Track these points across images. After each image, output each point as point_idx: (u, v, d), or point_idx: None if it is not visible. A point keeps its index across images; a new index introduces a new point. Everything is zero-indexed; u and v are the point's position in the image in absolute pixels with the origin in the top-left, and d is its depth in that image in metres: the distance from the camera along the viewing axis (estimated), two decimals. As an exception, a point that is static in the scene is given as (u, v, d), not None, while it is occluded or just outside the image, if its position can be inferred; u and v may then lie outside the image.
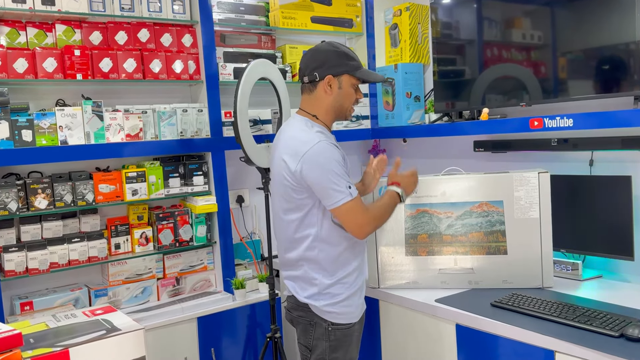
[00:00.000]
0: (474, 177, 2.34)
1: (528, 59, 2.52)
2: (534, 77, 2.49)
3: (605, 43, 2.24)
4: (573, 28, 2.34)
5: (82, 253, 2.44)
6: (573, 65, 2.38)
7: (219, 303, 2.62)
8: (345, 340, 2.03)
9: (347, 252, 2.01)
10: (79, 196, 2.41)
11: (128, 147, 2.47)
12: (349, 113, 2.08)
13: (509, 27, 2.60)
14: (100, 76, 2.44)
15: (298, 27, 3.03)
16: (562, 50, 2.40)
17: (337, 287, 2.01)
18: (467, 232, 2.33)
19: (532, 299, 2.09)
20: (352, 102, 2.06)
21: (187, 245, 2.69)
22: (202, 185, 2.70)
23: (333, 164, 1.90)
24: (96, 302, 2.50)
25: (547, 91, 2.46)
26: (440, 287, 2.36)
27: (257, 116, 2.86)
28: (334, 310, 2.00)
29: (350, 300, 2.02)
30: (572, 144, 2.46)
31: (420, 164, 3.25)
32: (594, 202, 2.34)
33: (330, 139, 1.98)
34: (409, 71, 3.11)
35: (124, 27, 2.53)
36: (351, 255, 2.03)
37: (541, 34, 2.47)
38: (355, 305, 2.04)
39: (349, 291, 2.02)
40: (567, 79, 2.40)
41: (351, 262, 2.03)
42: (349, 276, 2.02)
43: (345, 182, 1.90)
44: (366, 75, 2.06)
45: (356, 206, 1.91)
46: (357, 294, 2.05)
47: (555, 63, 2.43)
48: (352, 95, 2.05)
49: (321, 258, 1.99)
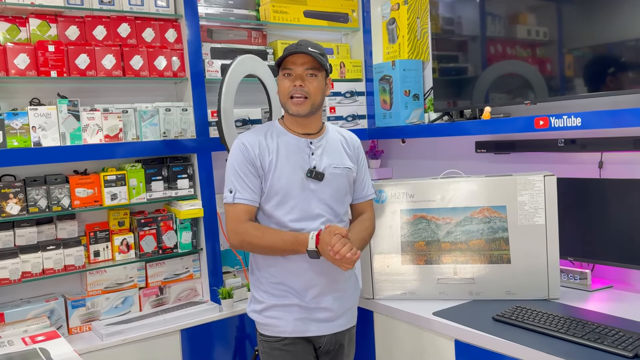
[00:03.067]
0: (475, 180, 2.18)
1: (533, 55, 2.37)
2: (539, 74, 2.34)
3: (615, 39, 2.09)
4: (581, 22, 2.18)
5: (58, 261, 2.29)
6: (581, 62, 2.23)
7: (205, 314, 2.46)
8: (273, 355, 1.92)
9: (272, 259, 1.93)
10: (53, 201, 2.27)
11: (107, 148, 2.33)
12: (288, 106, 1.91)
13: (514, 22, 2.44)
14: (76, 73, 2.30)
15: (290, 22, 2.88)
16: (569, 46, 2.25)
17: (259, 291, 1.95)
18: (467, 240, 2.18)
19: (538, 312, 1.93)
20: (284, 93, 1.90)
21: (171, 252, 2.54)
22: (187, 189, 2.55)
23: (231, 161, 1.92)
24: (73, 313, 2.35)
25: (553, 89, 2.31)
26: (438, 298, 2.21)
27: (247, 115, 2.71)
28: (258, 319, 1.96)
29: (275, 312, 1.92)
30: (580, 145, 2.31)
31: (419, 165, 3.10)
32: (603, 207, 2.19)
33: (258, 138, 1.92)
34: (408, 68, 2.96)
35: (102, 22, 2.39)
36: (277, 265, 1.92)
37: (547, 30, 2.32)
38: (286, 320, 1.91)
39: (273, 301, 1.92)
40: (574, 76, 2.25)
41: (274, 273, 1.93)
42: (272, 286, 1.93)
43: (232, 183, 1.88)
44: (281, 58, 1.89)
45: (230, 212, 1.89)
46: (290, 311, 1.92)
47: (561, 59, 2.28)
48: (281, 85, 1.92)
49: (252, 259, 2.00)
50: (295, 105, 1.88)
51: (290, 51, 1.86)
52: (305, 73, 1.88)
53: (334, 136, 2.03)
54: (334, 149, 2.00)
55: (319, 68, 1.89)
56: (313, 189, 1.91)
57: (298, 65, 1.87)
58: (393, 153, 3.29)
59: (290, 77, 1.88)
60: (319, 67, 1.89)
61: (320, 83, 1.90)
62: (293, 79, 1.88)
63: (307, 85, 1.87)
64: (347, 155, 2.02)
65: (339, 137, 2.05)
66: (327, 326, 1.94)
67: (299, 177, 1.90)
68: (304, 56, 1.87)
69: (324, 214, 1.92)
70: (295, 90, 1.87)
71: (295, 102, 1.88)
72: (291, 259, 1.89)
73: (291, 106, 1.89)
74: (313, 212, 1.90)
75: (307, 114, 1.90)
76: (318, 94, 1.90)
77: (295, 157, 1.91)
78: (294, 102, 1.88)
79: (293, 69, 1.88)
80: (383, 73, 3.01)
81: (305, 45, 1.86)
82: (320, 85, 1.90)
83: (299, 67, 1.87)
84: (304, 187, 1.90)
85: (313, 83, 1.88)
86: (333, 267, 1.88)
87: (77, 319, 2.37)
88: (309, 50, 1.85)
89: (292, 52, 1.86)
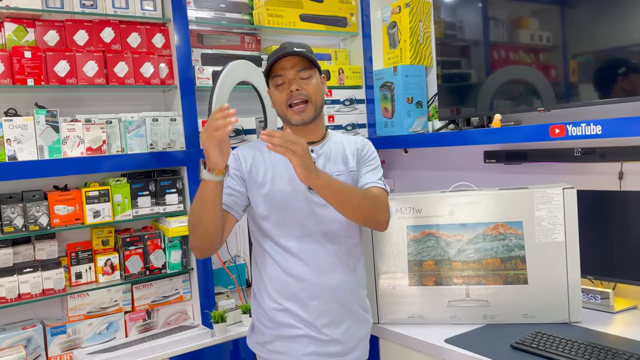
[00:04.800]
0: (488, 193, 2.02)
1: (541, 60, 2.21)
2: (550, 79, 2.18)
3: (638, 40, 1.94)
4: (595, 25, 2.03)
5: (35, 285, 2.10)
6: (596, 65, 2.07)
7: (195, 340, 2.28)
8: None
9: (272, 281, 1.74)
10: (30, 219, 2.08)
11: (89, 162, 2.15)
12: (289, 116, 1.73)
13: (519, 26, 2.29)
14: (55, 81, 2.12)
15: (285, 26, 2.71)
16: (578, 50, 2.09)
17: (261, 319, 1.76)
18: (480, 259, 2.01)
19: (560, 339, 1.76)
20: (281, 104, 1.73)
21: (160, 273, 2.35)
22: (176, 205, 2.37)
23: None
24: (53, 340, 2.17)
25: (567, 94, 2.15)
26: (450, 322, 2.03)
27: (240, 125, 2.54)
28: (261, 352, 1.77)
29: (279, 345, 1.71)
30: (599, 155, 2.15)
31: (423, 177, 2.94)
32: (624, 221, 2.04)
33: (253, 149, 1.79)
34: (410, 74, 2.80)
35: (84, 26, 2.21)
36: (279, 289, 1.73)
37: (555, 33, 2.17)
38: (294, 357, 1.70)
39: (277, 332, 1.72)
40: (590, 81, 2.10)
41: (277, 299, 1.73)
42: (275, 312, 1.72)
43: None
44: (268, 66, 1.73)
45: None
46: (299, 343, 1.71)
47: (567, 65, 2.13)
48: (276, 97, 1.75)
49: (254, 283, 1.83)
50: (297, 113, 1.71)
51: (276, 56, 1.70)
52: (297, 76, 1.71)
53: (338, 141, 1.86)
54: (337, 155, 1.82)
55: (310, 67, 1.72)
56: (316, 202, 1.72)
57: (288, 69, 1.71)
58: (395, 164, 3.13)
59: (283, 85, 1.71)
60: (310, 66, 1.72)
61: (317, 82, 1.73)
62: (287, 86, 1.71)
63: (304, 88, 1.70)
64: (350, 157, 1.83)
65: (345, 142, 1.87)
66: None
67: (300, 188, 1.72)
68: (292, 58, 1.70)
69: (327, 230, 1.74)
70: (292, 97, 1.70)
71: (296, 110, 1.71)
72: (295, 277, 1.70)
73: (293, 116, 1.71)
74: (315, 228, 1.72)
75: (311, 120, 1.73)
76: (318, 94, 1.73)
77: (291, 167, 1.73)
78: (294, 110, 1.71)
79: (284, 75, 1.71)
80: (384, 79, 2.85)
81: (289, 46, 1.71)
82: (318, 84, 1.74)
83: (289, 71, 1.71)
84: (307, 200, 1.73)
85: (310, 84, 1.71)
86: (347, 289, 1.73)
87: (57, 347, 2.18)
88: (296, 51, 1.69)
89: (279, 56, 1.69)
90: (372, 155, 1.87)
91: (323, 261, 1.71)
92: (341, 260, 1.74)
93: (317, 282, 1.70)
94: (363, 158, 1.85)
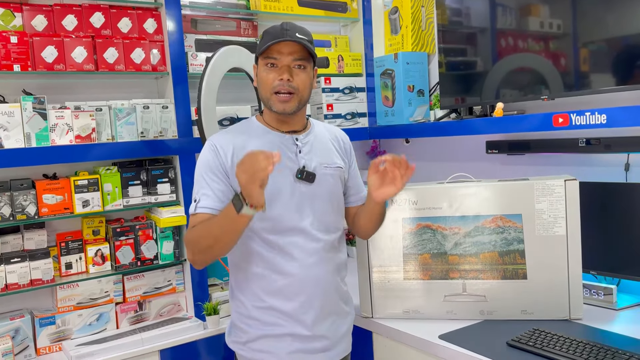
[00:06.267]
0: (487, 185, 1.94)
1: (551, 48, 2.12)
2: (555, 67, 2.10)
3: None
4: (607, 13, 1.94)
5: (23, 275, 2.07)
6: (608, 53, 1.98)
7: (187, 332, 2.23)
8: None
9: (257, 279, 1.65)
10: (17, 208, 2.04)
11: (78, 150, 2.10)
12: (272, 103, 1.63)
13: (529, 13, 2.21)
14: (42, 67, 2.07)
15: (283, 12, 2.64)
16: (590, 38, 2.00)
17: (242, 318, 1.69)
18: (478, 252, 1.94)
19: (559, 337, 1.68)
20: (266, 87, 1.63)
21: (151, 264, 2.31)
22: (169, 194, 2.32)
23: (200, 165, 1.66)
24: (41, 332, 2.14)
25: (571, 83, 2.06)
26: (445, 317, 1.97)
27: (235, 113, 2.48)
28: (242, 352, 1.70)
29: (264, 343, 1.65)
30: (605, 145, 2.07)
31: (424, 167, 2.85)
32: (630, 214, 1.96)
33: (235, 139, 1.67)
34: (412, 61, 2.72)
35: (73, 10, 2.16)
36: (264, 286, 1.64)
37: (566, 21, 2.08)
38: (278, 356, 1.65)
39: (260, 331, 1.65)
40: (595, 69, 2.01)
41: (262, 296, 1.65)
42: (259, 310, 1.65)
43: (197, 191, 1.63)
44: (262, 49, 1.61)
45: (190, 222, 1.62)
46: (283, 340, 1.65)
47: (577, 53, 2.04)
48: (263, 78, 1.63)
49: (233, 279, 1.74)
50: (280, 102, 1.63)
51: (276, 38, 1.60)
52: (293, 64, 1.62)
53: (320, 132, 1.79)
54: (322, 145, 1.75)
55: (308, 58, 1.64)
56: (304, 192, 1.66)
57: (285, 55, 1.61)
58: (396, 154, 3.05)
59: (275, 67, 1.62)
60: (308, 57, 1.64)
61: (308, 75, 1.65)
62: (279, 70, 1.61)
63: (295, 79, 1.62)
64: (336, 153, 1.78)
65: (327, 134, 1.81)
66: (323, 357, 1.69)
67: (287, 179, 1.65)
68: (291, 44, 1.61)
69: (315, 222, 1.67)
70: (281, 85, 1.61)
71: (281, 99, 1.63)
72: (281, 272, 1.63)
73: (275, 103, 1.63)
74: (302, 221, 1.66)
75: (293, 112, 1.65)
76: (306, 89, 1.65)
77: (282, 157, 1.66)
78: (279, 98, 1.63)
79: (279, 59, 1.61)
80: (385, 67, 2.77)
81: (292, 31, 1.60)
82: (309, 79, 1.65)
83: (286, 57, 1.61)
84: (293, 191, 1.66)
85: (301, 76, 1.63)
86: (332, 283, 1.68)
87: (45, 338, 2.15)
88: (298, 38, 1.60)
89: (280, 40, 1.60)
90: (354, 156, 1.88)
91: (310, 255, 1.65)
92: (327, 253, 1.68)
93: (304, 277, 1.63)
94: (352, 159, 1.86)
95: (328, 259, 1.68)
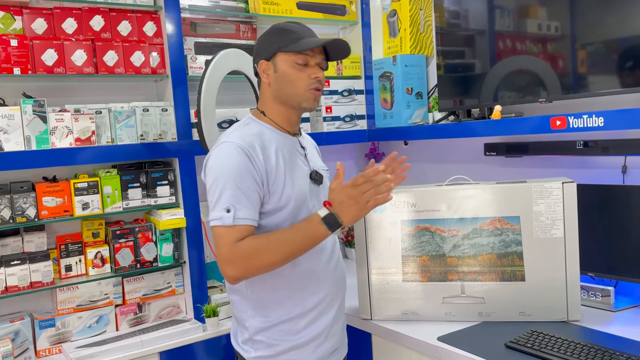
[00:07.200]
0: (485, 187, 1.95)
1: (549, 50, 2.13)
2: (557, 69, 2.10)
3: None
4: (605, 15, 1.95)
5: (23, 278, 2.07)
6: (607, 55, 1.99)
7: (187, 334, 2.24)
8: None
9: (286, 289, 1.60)
10: (17, 211, 2.05)
11: (77, 153, 2.11)
12: (305, 99, 1.61)
13: (527, 15, 2.21)
14: (42, 70, 2.08)
15: (282, 15, 2.65)
16: (588, 39, 2.01)
17: (272, 332, 1.60)
18: (476, 254, 1.95)
19: (557, 339, 1.69)
20: (300, 84, 1.60)
21: (151, 266, 2.32)
22: (168, 197, 2.32)
23: (226, 171, 1.50)
24: (41, 334, 2.14)
25: (570, 85, 2.07)
26: (444, 319, 1.98)
27: (234, 116, 2.49)
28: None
29: (293, 354, 1.61)
30: (602, 148, 2.07)
31: (422, 169, 2.88)
32: (628, 216, 1.97)
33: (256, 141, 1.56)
34: (410, 64, 2.73)
35: (73, 14, 2.17)
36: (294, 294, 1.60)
37: (564, 23, 2.09)
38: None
39: (292, 342, 1.60)
40: (593, 72, 2.02)
41: (294, 304, 1.61)
42: (291, 322, 1.60)
43: (228, 199, 1.48)
44: (298, 46, 1.57)
45: (226, 237, 1.47)
46: (308, 347, 1.63)
47: (575, 54, 2.05)
48: (294, 75, 1.59)
49: (250, 292, 1.61)
50: (315, 99, 1.64)
51: (306, 38, 1.60)
52: (320, 64, 1.64)
53: (305, 136, 1.84)
54: (313, 149, 1.82)
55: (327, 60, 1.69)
56: (315, 194, 1.67)
57: (317, 54, 1.62)
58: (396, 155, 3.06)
59: (305, 66, 1.60)
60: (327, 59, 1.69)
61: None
62: (312, 68, 1.61)
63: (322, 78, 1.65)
64: (319, 156, 1.85)
65: (308, 137, 1.86)
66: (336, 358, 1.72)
67: (306, 182, 1.65)
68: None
69: None
70: (318, 83, 1.62)
71: (317, 96, 1.64)
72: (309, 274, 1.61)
73: (310, 100, 1.62)
74: None
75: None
76: None
77: (296, 160, 1.65)
78: (316, 95, 1.63)
79: (313, 57, 1.61)
80: (383, 69, 2.78)
81: (311, 32, 1.65)
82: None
83: (318, 56, 1.62)
84: (312, 194, 1.66)
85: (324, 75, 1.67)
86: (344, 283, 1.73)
87: (45, 340, 2.15)
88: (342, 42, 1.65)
89: (329, 41, 1.60)
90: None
91: (330, 255, 1.68)
92: (339, 252, 1.76)
93: (327, 277, 1.65)
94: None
95: (341, 258, 1.76)
